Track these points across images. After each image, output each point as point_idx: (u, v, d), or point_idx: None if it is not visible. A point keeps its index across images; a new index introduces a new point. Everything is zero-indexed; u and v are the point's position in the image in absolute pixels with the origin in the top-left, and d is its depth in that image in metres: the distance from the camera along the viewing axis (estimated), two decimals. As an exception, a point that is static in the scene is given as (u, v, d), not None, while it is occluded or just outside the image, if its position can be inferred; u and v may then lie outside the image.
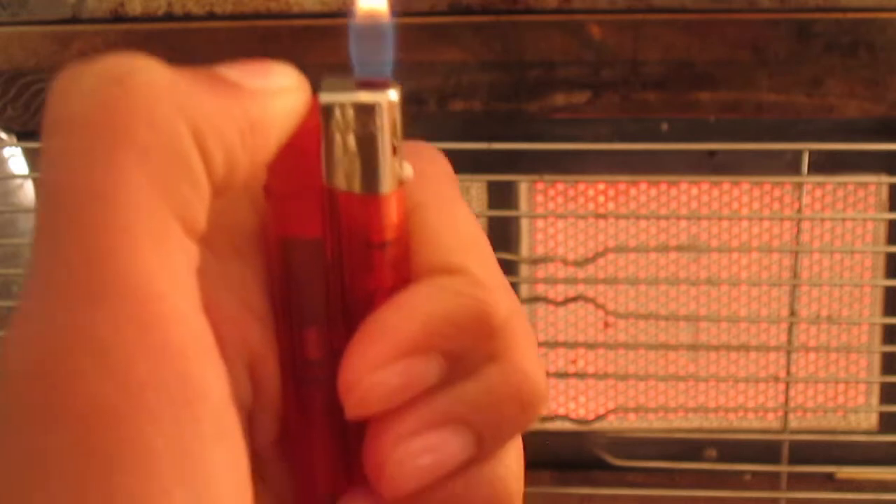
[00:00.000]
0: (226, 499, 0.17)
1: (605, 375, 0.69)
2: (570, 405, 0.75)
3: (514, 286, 0.73)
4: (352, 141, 0.20)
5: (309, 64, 0.70)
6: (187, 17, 0.62)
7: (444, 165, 0.24)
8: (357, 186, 0.20)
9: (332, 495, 0.22)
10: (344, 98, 0.20)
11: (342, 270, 0.21)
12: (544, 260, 0.70)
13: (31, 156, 0.68)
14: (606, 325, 0.73)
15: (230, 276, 0.20)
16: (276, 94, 0.20)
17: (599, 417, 0.70)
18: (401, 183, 0.21)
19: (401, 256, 0.21)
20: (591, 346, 0.72)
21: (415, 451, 0.20)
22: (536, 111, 0.63)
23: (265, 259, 0.21)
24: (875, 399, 0.73)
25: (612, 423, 0.73)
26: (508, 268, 0.72)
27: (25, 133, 0.66)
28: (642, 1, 0.60)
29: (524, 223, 0.72)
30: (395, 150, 0.21)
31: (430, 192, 0.22)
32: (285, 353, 0.21)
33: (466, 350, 0.21)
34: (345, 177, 0.20)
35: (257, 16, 0.62)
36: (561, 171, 0.67)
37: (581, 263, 0.67)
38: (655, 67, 0.61)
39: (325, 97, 0.20)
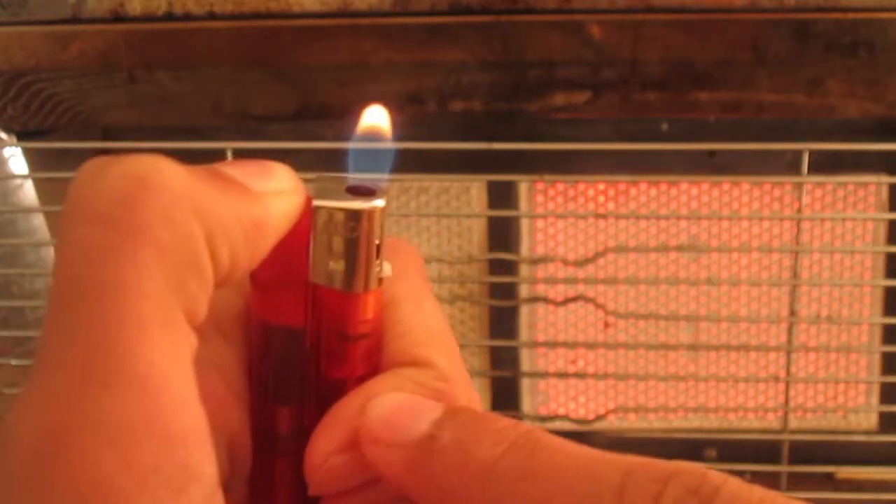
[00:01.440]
0: None
1: (605, 375, 0.69)
2: (570, 405, 0.75)
3: (514, 286, 0.73)
4: (338, 243, 0.22)
5: (309, 64, 0.70)
6: (187, 17, 0.62)
7: (418, 261, 0.26)
8: (339, 284, 0.22)
9: None
10: (334, 203, 0.22)
11: (318, 357, 0.23)
12: (544, 260, 0.70)
13: (30, 156, 0.68)
14: (606, 325, 0.73)
15: (215, 358, 0.22)
16: (277, 196, 0.21)
17: (599, 417, 0.70)
18: (379, 281, 0.23)
19: (373, 347, 0.23)
20: (591, 346, 0.72)
21: None
22: (536, 111, 0.63)
23: (246, 340, 0.23)
24: (875, 399, 0.73)
25: (612, 423, 0.73)
26: (508, 268, 0.72)
27: (25, 133, 0.66)
28: (642, 1, 0.60)
29: (524, 223, 0.72)
30: (377, 252, 0.22)
31: (404, 288, 0.24)
32: (258, 427, 0.23)
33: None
34: (328, 275, 0.22)
35: (257, 16, 0.62)
36: (561, 171, 0.67)
37: (581, 263, 0.67)
38: (655, 67, 0.61)
39: (317, 201, 0.22)
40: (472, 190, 0.71)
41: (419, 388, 0.22)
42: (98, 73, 0.63)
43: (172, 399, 0.18)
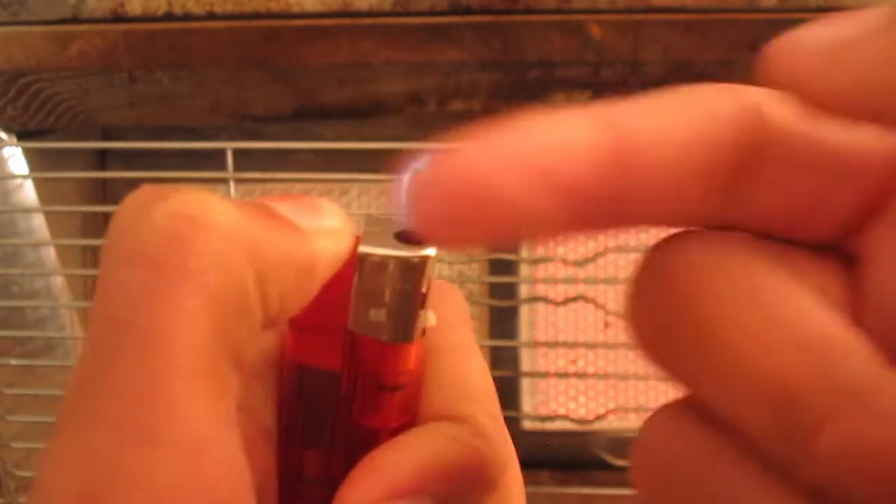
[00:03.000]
0: None
1: (605, 375, 0.69)
2: (570, 405, 0.75)
3: (514, 286, 0.73)
4: (383, 292, 0.20)
5: (309, 64, 0.70)
6: (187, 17, 0.62)
7: (463, 309, 0.24)
8: (380, 334, 0.21)
9: None
10: (382, 251, 0.20)
11: (352, 404, 0.22)
12: (544, 260, 0.70)
13: (30, 155, 0.68)
14: (606, 325, 0.73)
15: (246, 397, 0.21)
16: (328, 235, 0.20)
17: (599, 417, 0.70)
18: (422, 332, 0.21)
19: (410, 398, 0.22)
20: (591, 346, 0.72)
21: None
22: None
23: (277, 381, 0.22)
24: (875, 399, 0.73)
25: (612, 423, 0.73)
26: (508, 268, 0.72)
27: (25, 133, 0.66)
28: (642, 1, 0.60)
29: (524, 223, 0.72)
30: (423, 303, 0.21)
31: (447, 337, 0.23)
32: (284, 470, 0.22)
33: (457, 496, 0.21)
34: (369, 324, 0.21)
35: (257, 16, 0.62)
36: (561, 171, 0.67)
37: (581, 263, 0.67)
38: (655, 67, 0.61)
39: (365, 248, 0.20)
40: (472, 190, 0.71)
41: (454, 444, 0.21)
42: (98, 73, 0.63)
43: (219, 459, 0.17)
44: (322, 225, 0.20)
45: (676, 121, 0.16)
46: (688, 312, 0.16)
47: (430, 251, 0.20)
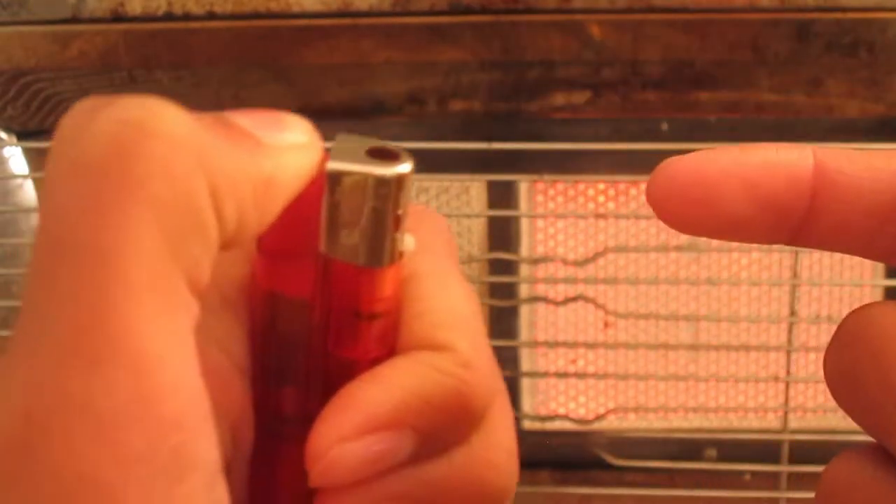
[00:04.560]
0: None
1: (605, 375, 0.69)
2: (570, 405, 0.75)
3: (514, 286, 0.73)
4: (356, 212, 0.19)
5: (309, 64, 0.70)
6: (187, 16, 0.62)
7: (446, 234, 0.23)
8: (354, 258, 0.19)
9: None
10: (353, 167, 0.19)
11: (326, 335, 0.20)
12: (544, 260, 0.70)
13: (31, 155, 0.68)
14: (606, 325, 0.73)
15: (218, 329, 0.20)
16: (291, 150, 0.19)
17: (599, 417, 0.70)
18: (400, 255, 0.20)
19: (388, 328, 0.21)
20: (591, 346, 0.72)
21: None
22: (536, 111, 0.63)
23: (250, 311, 0.21)
24: (875, 399, 0.73)
25: (612, 423, 0.73)
26: (508, 268, 0.72)
27: (25, 133, 0.66)
28: (642, 1, 0.60)
29: (524, 223, 0.72)
30: (398, 224, 0.20)
31: (427, 263, 0.21)
32: (260, 406, 0.21)
33: (441, 430, 0.20)
34: (343, 247, 0.19)
35: (257, 16, 0.62)
36: (561, 171, 0.67)
37: (581, 263, 0.67)
38: (655, 67, 0.61)
39: (334, 164, 0.19)
40: (472, 190, 0.71)
41: (438, 376, 0.20)
42: (98, 73, 0.63)
43: (168, 378, 0.16)
44: (286, 138, 0.19)
45: (871, 162, 0.20)
46: (877, 365, 0.18)
47: (406, 167, 0.19)
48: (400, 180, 0.19)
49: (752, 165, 0.19)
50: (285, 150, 0.19)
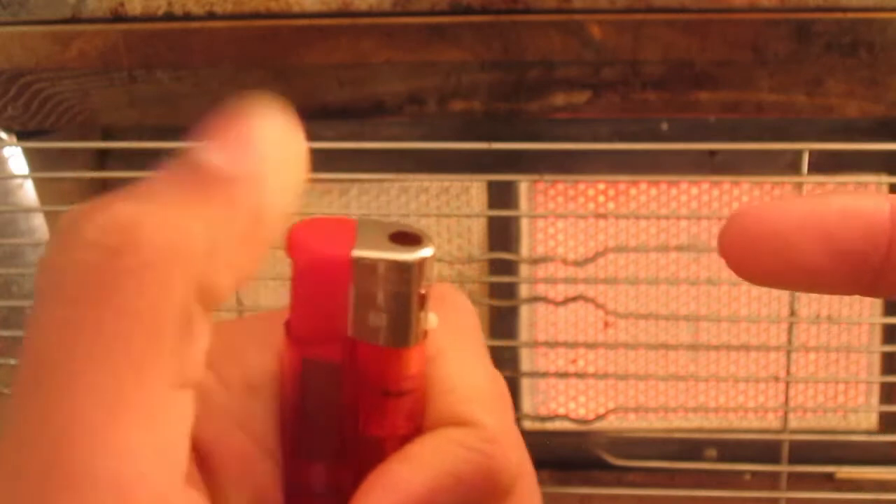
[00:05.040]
0: None
1: (605, 375, 0.69)
2: (570, 405, 0.75)
3: (514, 286, 0.73)
4: (381, 296, 0.20)
5: (309, 64, 0.70)
6: (187, 17, 0.62)
7: (468, 312, 0.24)
8: (381, 340, 0.20)
9: None
10: (377, 254, 0.20)
11: (356, 413, 0.21)
12: (544, 260, 0.70)
13: (30, 155, 0.68)
14: (606, 325, 0.73)
15: (241, 413, 0.21)
16: (270, 174, 0.18)
17: (599, 417, 0.70)
18: (424, 334, 0.21)
19: (416, 405, 0.21)
20: (591, 346, 0.72)
21: None
22: (536, 111, 0.63)
23: (278, 395, 0.21)
24: (875, 399, 0.73)
25: (612, 423, 0.73)
26: (508, 268, 0.72)
27: (25, 133, 0.66)
28: (642, 1, 0.60)
29: (524, 223, 0.72)
30: (422, 304, 0.20)
31: (450, 340, 0.22)
32: (292, 482, 0.21)
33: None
34: (370, 330, 0.20)
35: (257, 16, 0.62)
36: (561, 171, 0.67)
37: (581, 263, 0.67)
38: (655, 67, 0.61)
39: (359, 252, 0.20)
40: (472, 190, 0.71)
41: (464, 452, 0.20)
42: (98, 73, 0.63)
43: (151, 493, 0.15)
44: (259, 158, 0.18)
45: None
46: None
47: (427, 251, 0.20)
48: (423, 264, 0.20)
49: (827, 215, 0.19)
50: (263, 178, 0.18)
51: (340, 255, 0.20)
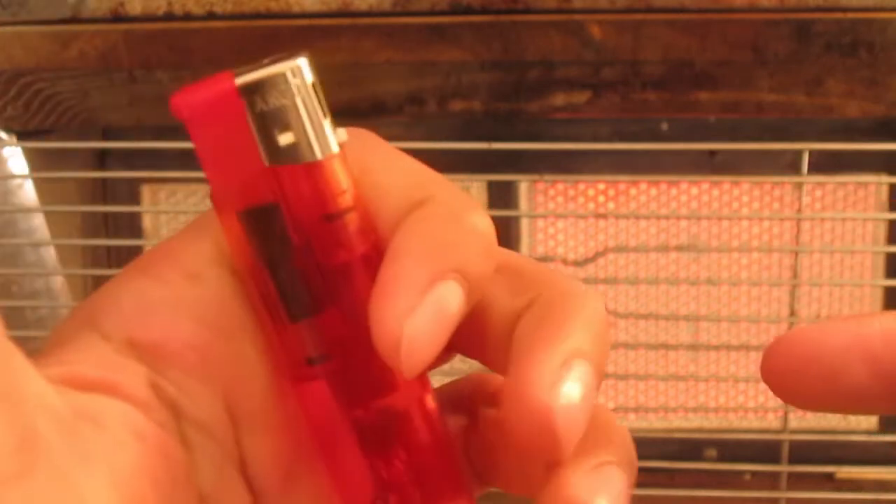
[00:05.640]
0: None
1: (606, 375, 0.69)
2: (570, 405, 0.75)
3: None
4: (280, 114, 0.20)
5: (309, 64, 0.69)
6: (187, 17, 0.62)
7: (372, 134, 0.23)
8: (302, 157, 0.20)
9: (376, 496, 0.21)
10: (258, 74, 0.20)
11: (314, 253, 0.20)
12: (544, 260, 0.70)
13: (30, 155, 0.68)
14: (606, 325, 0.73)
15: (187, 302, 0.20)
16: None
17: (599, 417, 0.70)
18: (341, 145, 0.21)
19: (363, 221, 0.21)
20: (591, 346, 0.71)
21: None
22: (536, 111, 0.63)
23: (225, 278, 0.21)
24: (875, 399, 0.73)
25: (612, 423, 0.73)
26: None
27: (25, 133, 0.66)
28: (642, 1, 0.60)
29: (524, 223, 0.72)
30: (324, 114, 0.20)
31: (368, 153, 0.21)
32: (286, 355, 0.21)
33: (471, 257, 0.20)
34: (286, 151, 0.20)
35: (257, 16, 0.62)
36: (561, 171, 0.67)
37: (581, 263, 0.67)
38: (655, 67, 0.61)
39: (243, 78, 0.20)
40: (472, 190, 0.71)
41: (437, 221, 0.20)
42: (98, 73, 0.63)
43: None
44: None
45: None
46: None
47: (303, 59, 0.20)
48: (300, 70, 0.20)
49: (870, 337, 0.19)
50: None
51: (225, 89, 0.20)
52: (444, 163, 0.77)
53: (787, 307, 0.67)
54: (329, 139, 0.20)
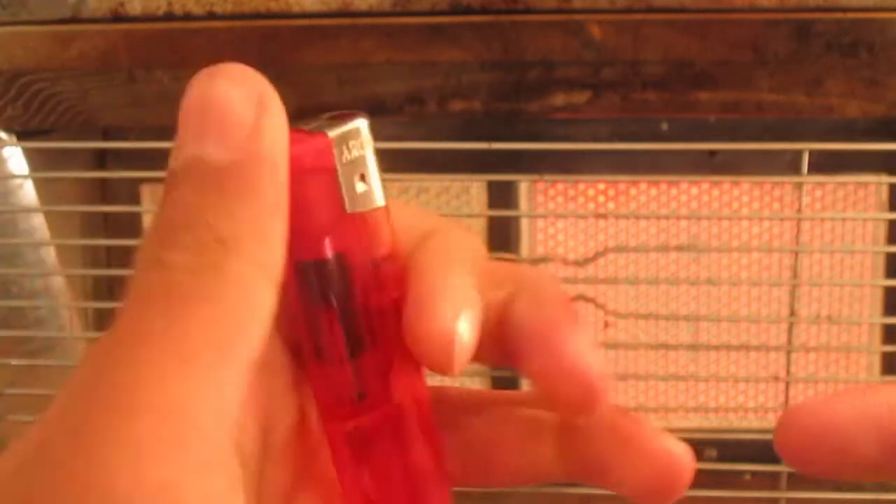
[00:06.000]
0: None
1: (605, 375, 0.69)
2: (570, 405, 0.75)
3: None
4: (363, 161, 0.21)
5: (309, 64, 0.70)
6: (187, 17, 0.62)
7: None
8: (368, 204, 0.21)
9: None
10: (347, 127, 0.21)
11: (365, 295, 0.22)
12: (544, 260, 0.70)
13: (30, 155, 0.68)
14: (606, 325, 0.73)
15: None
16: (262, 134, 0.19)
17: (599, 417, 0.70)
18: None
19: (398, 268, 0.22)
20: (591, 346, 0.71)
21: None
22: (536, 111, 0.63)
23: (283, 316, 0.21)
24: (875, 399, 0.73)
25: (612, 423, 0.73)
26: (508, 268, 0.72)
27: (25, 133, 0.66)
28: (642, 1, 0.60)
29: (524, 223, 0.72)
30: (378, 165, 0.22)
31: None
32: (324, 400, 0.22)
33: (483, 266, 0.23)
34: (362, 197, 0.21)
35: (257, 16, 0.62)
36: (561, 171, 0.67)
37: (581, 263, 0.67)
38: (655, 67, 0.61)
39: (334, 131, 0.21)
40: (472, 190, 0.71)
41: (445, 241, 0.22)
42: (98, 73, 0.63)
43: (200, 434, 0.17)
44: (221, 140, 0.19)
45: None
46: None
47: (362, 115, 0.21)
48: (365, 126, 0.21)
49: (878, 409, 0.20)
50: (254, 142, 0.19)
51: (324, 141, 0.20)
52: (444, 163, 0.77)
53: (787, 307, 0.67)
54: (383, 188, 0.22)
